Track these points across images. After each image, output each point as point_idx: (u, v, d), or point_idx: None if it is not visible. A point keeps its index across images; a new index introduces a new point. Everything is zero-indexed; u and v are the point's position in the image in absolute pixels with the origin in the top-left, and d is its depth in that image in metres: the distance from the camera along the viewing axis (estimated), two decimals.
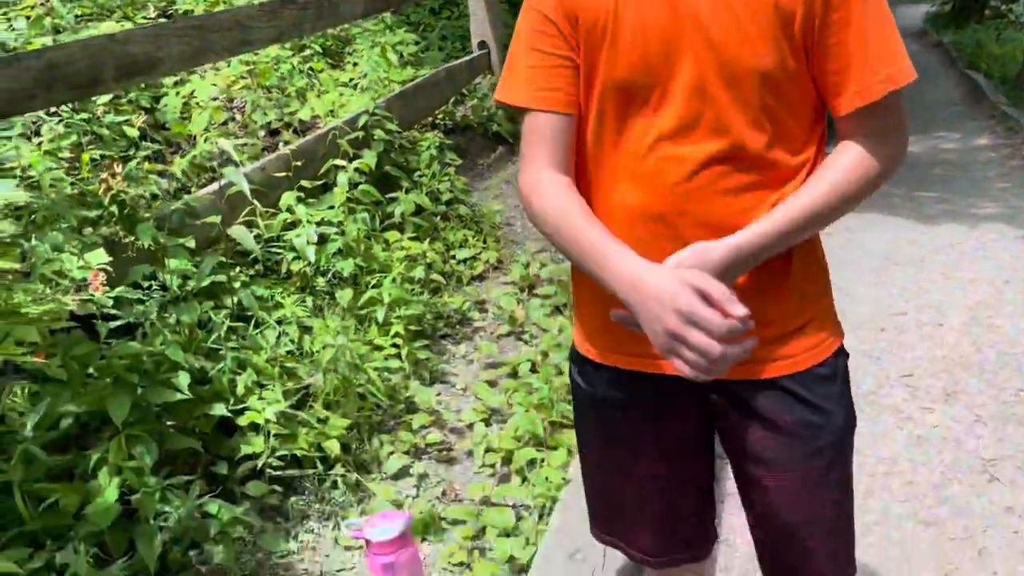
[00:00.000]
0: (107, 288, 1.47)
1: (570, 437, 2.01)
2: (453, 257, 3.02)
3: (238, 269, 2.28)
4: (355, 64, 3.90)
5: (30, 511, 1.54)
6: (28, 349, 1.30)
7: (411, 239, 2.81)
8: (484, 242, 3.15)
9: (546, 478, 1.89)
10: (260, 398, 1.91)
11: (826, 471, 1.03)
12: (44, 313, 1.30)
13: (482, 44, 4.47)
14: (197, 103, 2.94)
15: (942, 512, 2.07)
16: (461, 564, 1.76)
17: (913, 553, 1.96)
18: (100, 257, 1.69)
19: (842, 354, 1.05)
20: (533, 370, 2.33)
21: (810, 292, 1.01)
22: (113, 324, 1.73)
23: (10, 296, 1.27)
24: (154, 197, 2.24)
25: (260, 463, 1.87)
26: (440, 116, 4.07)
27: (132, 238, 1.99)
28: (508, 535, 1.78)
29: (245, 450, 1.85)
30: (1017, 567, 1.86)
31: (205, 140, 2.64)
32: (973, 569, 1.90)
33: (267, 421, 1.87)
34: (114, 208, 2.02)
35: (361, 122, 2.99)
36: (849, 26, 0.89)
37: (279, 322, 2.21)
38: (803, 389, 1.00)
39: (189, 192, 2.45)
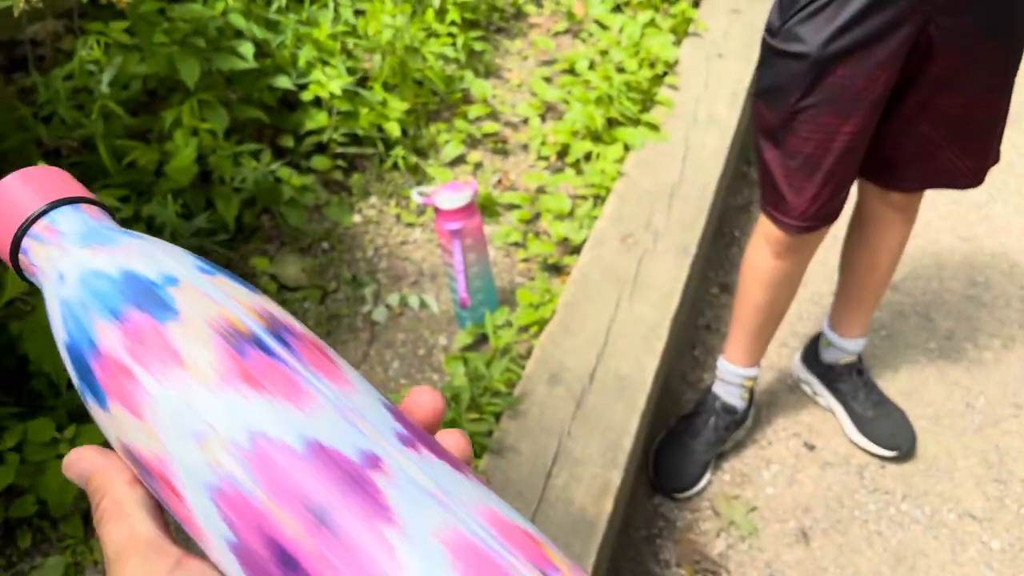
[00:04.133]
0: None
1: (626, 133, 2.02)
2: None
3: None
4: None
5: (113, 166, 1.61)
6: None
7: None
8: None
9: (601, 171, 1.93)
10: (323, 73, 1.91)
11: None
12: None
13: None
14: None
15: (980, 230, 2.13)
16: (516, 244, 1.86)
17: (947, 266, 2.05)
18: None
19: None
20: (591, 68, 2.29)
21: None
22: None
23: None
24: None
25: (325, 138, 1.92)
26: None
27: None
28: (562, 219, 1.86)
29: (309, 125, 1.89)
30: None
31: None
32: (1001, 280, 2.00)
33: (331, 96, 1.88)
34: None
35: None
36: None
37: (335, 1, 2.15)
38: None
39: None
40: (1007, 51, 1.15)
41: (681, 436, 1.61)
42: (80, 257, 0.32)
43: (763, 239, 1.38)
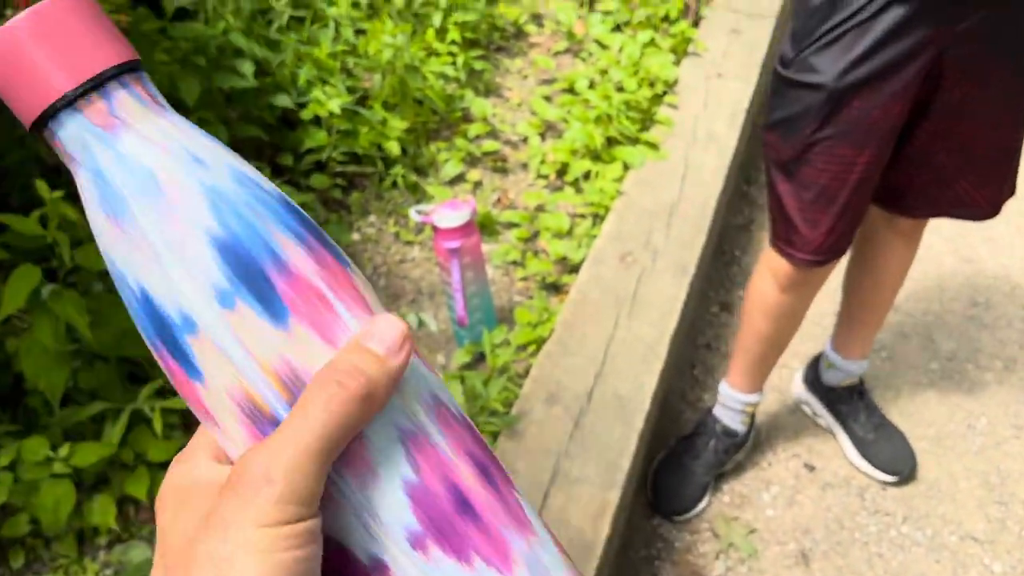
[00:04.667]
0: None
1: (625, 152, 2.02)
2: None
3: None
4: None
5: None
6: (111, 7, 1.29)
7: None
8: None
9: (600, 189, 1.93)
10: (323, 92, 1.92)
11: None
12: None
13: None
14: None
15: (982, 251, 2.12)
16: (515, 262, 1.86)
17: (948, 287, 2.04)
18: None
19: None
20: (591, 87, 2.29)
21: None
22: (177, 2, 1.70)
23: None
24: None
25: (324, 156, 1.92)
26: None
27: None
28: (561, 238, 1.86)
29: (309, 143, 1.90)
30: None
31: None
32: (1003, 300, 1.99)
33: (331, 115, 1.89)
34: None
35: None
36: None
37: (335, 21, 2.16)
38: None
39: None
40: (1022, 79, 1.14)
41: (681, 457, 1.60)
42: (219, 151, 0.29)
43: (769, 272, 1.36)
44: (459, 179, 2.08)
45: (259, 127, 1.83)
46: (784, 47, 1.17)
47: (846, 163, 1.15)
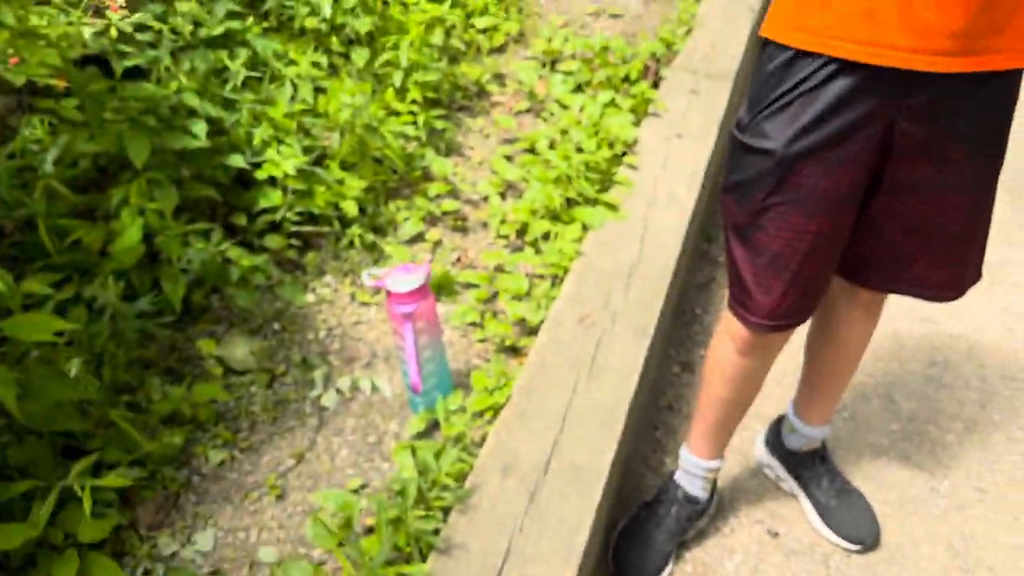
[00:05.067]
0: (126, 12, 1.40)
1: (584, 213, 2.02)
2: (472, 26, 2.89)
3: (251, 20, 2.18)
4: None
5: (55, 246, 1.57)
6: (50, 72, 1.26)
7: (430, 1, 2.67)
8: (506, 12, 2.99)
9: (559, 250, 1.92)
10: (278, 152, 1.89)
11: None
12: (61, 37, 1.25)
13: None
14: None
15: (939, 311, 2.13)
16: (473, 324, 1.83)
17: (906, 346, 2.04)
18: None
19: None
20: (551, 147, 2.30)
21: None
22: (128, 63, 1.67)
23: (26, 17, 1.21)
24: None
25: (278, 216, 1.89)
26: None
27: None
28: (520, 299, 1.84)
29: (263, 203, 1.86)
30: None
31: None
32: (960, 360, 1.99)
33: (286, 175, 1.86)
34: None
35: None
36: None
37: (292, 82, 2.15)
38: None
39: None
40: (981, 162, 1.13)
41: (643, 524, 1.56)
42: None
43: (728, 336, 1.34)
44: (418, 238, 2.06)
45: (212, 187, 1.80)
46: (741, 111, 1.16)
47: (798, 231, 1.14)
